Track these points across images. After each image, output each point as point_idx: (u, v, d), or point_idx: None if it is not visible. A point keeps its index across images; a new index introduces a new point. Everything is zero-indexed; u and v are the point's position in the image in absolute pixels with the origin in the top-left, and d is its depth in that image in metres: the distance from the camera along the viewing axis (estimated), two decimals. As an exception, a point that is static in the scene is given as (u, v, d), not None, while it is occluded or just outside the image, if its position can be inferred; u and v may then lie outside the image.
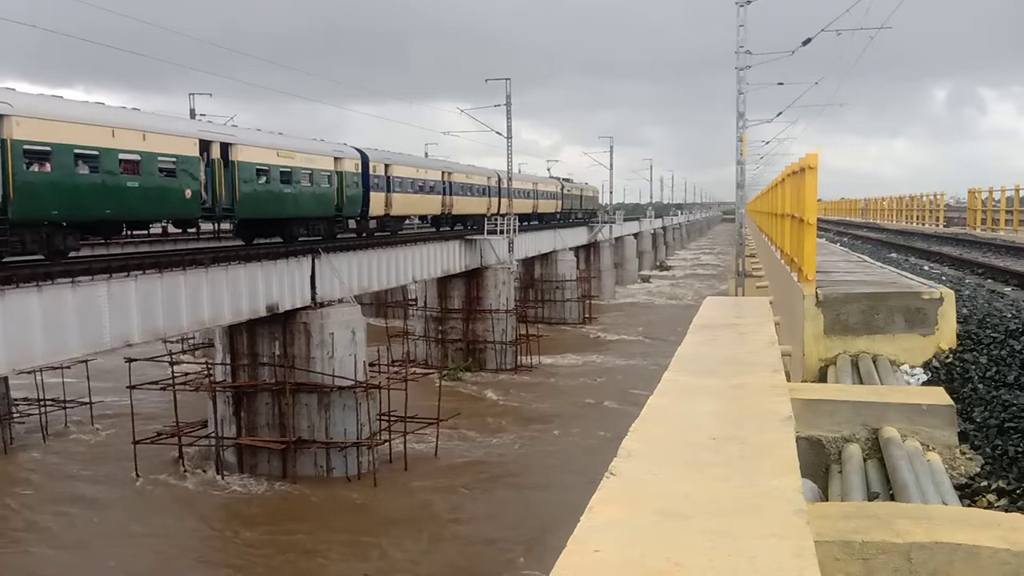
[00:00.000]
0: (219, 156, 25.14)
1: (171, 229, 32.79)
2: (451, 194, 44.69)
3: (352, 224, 35.53)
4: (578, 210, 78.54)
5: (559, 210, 70.03)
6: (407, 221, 45.27)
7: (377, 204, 35.35)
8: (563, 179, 76.42)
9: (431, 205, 42.77)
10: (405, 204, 38.76)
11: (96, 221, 21.19)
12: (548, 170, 73.08)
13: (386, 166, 36.33)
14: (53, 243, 19.70)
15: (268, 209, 28.04)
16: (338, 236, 33.25)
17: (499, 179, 52.75)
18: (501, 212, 51.01)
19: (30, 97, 19.53)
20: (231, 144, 25.87)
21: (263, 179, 27.35)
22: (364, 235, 36.03)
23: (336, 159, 32.20)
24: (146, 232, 34.07)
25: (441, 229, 46.32)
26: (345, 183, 32.39)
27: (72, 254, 20.78)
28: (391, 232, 37.46)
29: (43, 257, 19.72)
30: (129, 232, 28.09)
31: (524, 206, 58.03)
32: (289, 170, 28.66)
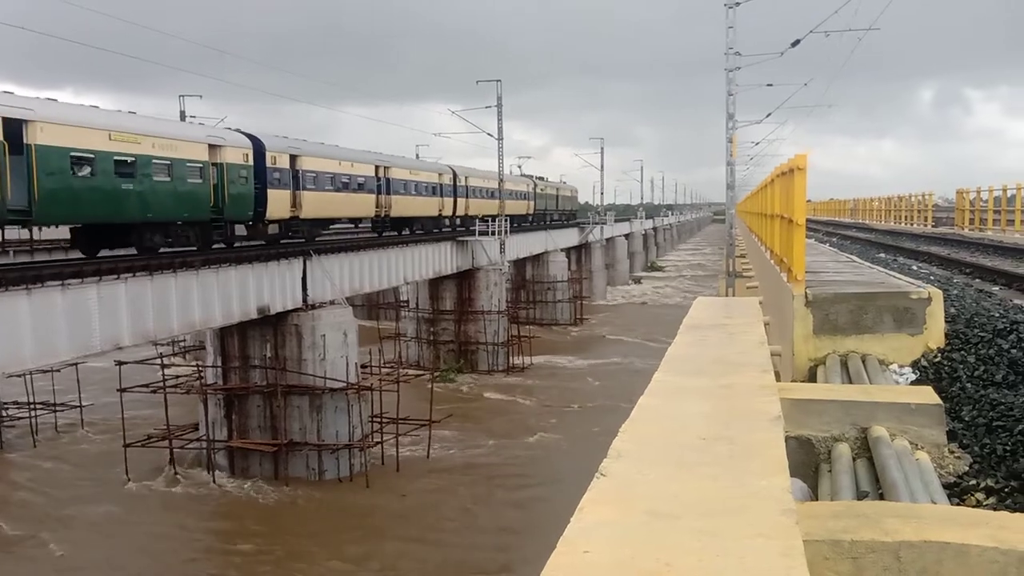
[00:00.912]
0: (2, 138, 18.33)
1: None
2: (389, 193, 37.99)
3: (243, 230, 29.22)
4: (554, 211, 73.54)
5: (531, 211, 63.99)
6: (334, 225, 38.62)
7: (279, 204, 28.93)
8: (536, 177, 70.98)
9: (360, 206, 36.05)
10: (321, 205, 32.06)
11: None
12: (519, 167, 67.30)
13: (292, 157, 29.96)
14: None
15: (94, 211, 21.51)
16: (231, 244, 28.13)
17: (454, 176, 47.42)
18: (457, 214, 47.45)
19: None
20: (27, 121, 19.06)
21: (84, 170, 20.79)
22: (264, 242, 29.66)
23: (212, 147, 25.75)
24: None
25: (385, 234, 39.47)
26: (227, 177, 25.94)
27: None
28: (306, 239, 31.00)
29: None
30: None
31: (485, 207, 51.64)
32: (131, 159, 22.19)
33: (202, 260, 23.46)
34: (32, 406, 31.13)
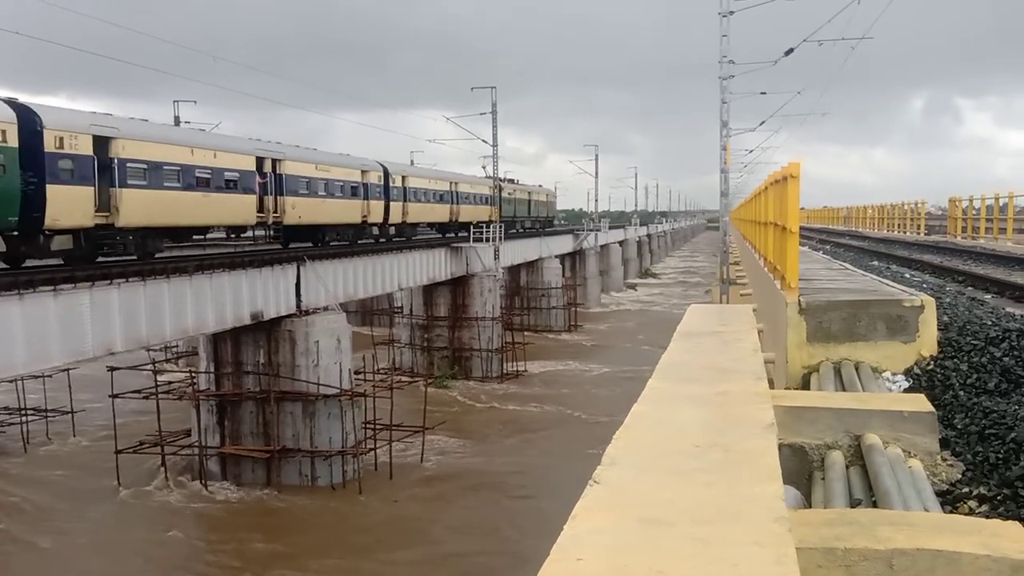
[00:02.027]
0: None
1: None
2: (280, 193, 29.36)
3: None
4: (525, 218, 65.99)
5: (494, 218, 54.68)
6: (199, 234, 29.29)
7: (78, 206, 20.42)
8: (505, 179, 62.73)
9: (231, 210, 27.17)
10: (157, 209, 23.31)
11: None
12: (483, 168, 59.87)
13: (101, 140, 21.37)
14: None
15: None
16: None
17: (385, 175, 38.75)
18: (392, 221, 39.51)
19: None
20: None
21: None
22: (41, 260, 21.36)
23: None
24: None
25: (271, 248, 33.74)
26: None
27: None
28: (142, 257, 23.45)
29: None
30: None
31: (430, 212, 45.41)
32: None
33: (196, 265, 23.42)
34: (23, 412, 30.98)
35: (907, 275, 17.90)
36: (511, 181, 63.79)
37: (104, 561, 21.53)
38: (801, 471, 5.56)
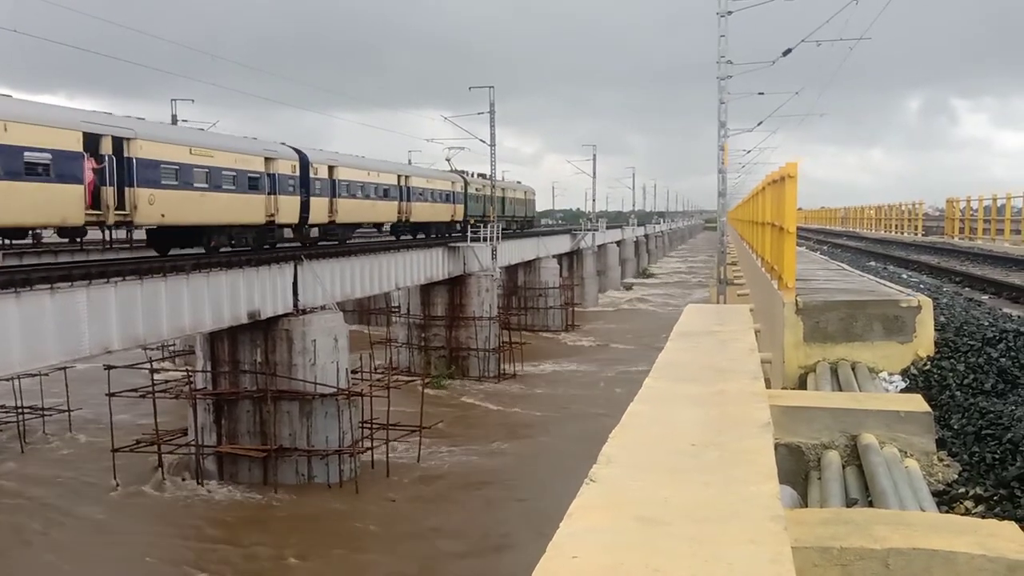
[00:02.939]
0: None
1: None
2: (133, 183, 22.17)
3: None
4: (498, 218, 56.72)
5: (458, 217, 49.84)
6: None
7: None
8: (476, 174, 56.52)
9: (41, 205, 19.36)
10: None
11: None
12: (448, 160, 52.98)
13: None
14: None
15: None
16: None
17: (302, 164, 30.95)
18: (314, 220, 32.22)
19: None
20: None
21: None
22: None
23: None
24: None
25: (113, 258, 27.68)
26: None
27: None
28: None
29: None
30: None
31: (370, 211, 37.56)
32: None
33: (192, 264, 23.40)
34: (20, 410, 30.95)
35: (904, 275, 17.93)
36: (482, 176, 56.33)
37: (100, 559, 21.50)
38: (798, 471, 5.56)
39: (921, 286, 14.39)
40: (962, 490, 5.31)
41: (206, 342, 27.49)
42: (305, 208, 31.24)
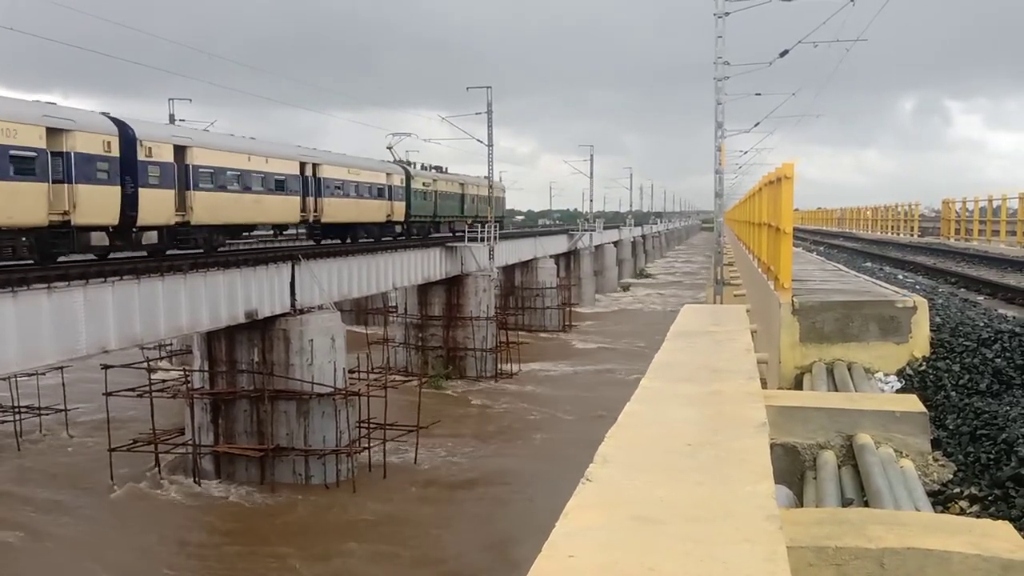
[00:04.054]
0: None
1: None
2: None
3: None
4: (456, 218, 50.56)
5: (397, 217, 41.03)
6: None
7: None
8: (432, 166, 48.45)
9: None
10: None
11: None
12: (389, 148, 44.75)
13: None
14: None
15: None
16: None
17: (124, 142, 22.69)
18: (142, 222, 23.50)
19: None
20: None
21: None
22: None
23: None
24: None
25: None
26: None
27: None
28: None
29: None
30: None
31: (252, 209, 29.02)
32: None
33: (190, 263, 23.39)
34: (16, 409, 30.90)
35: (900, 276, 17.95)
36: (438, 169, 49.44)
37: (97, 559, 21.47)
38: (793, 471, 5.58)
39: (917, 287, 14.41)
40: (957, 490, 5.33)
41: (203, 342, 27.48)
42: (131, 204, 22.70)
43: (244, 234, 34.12)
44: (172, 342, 36.67)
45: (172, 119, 42.83)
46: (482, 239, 44.94)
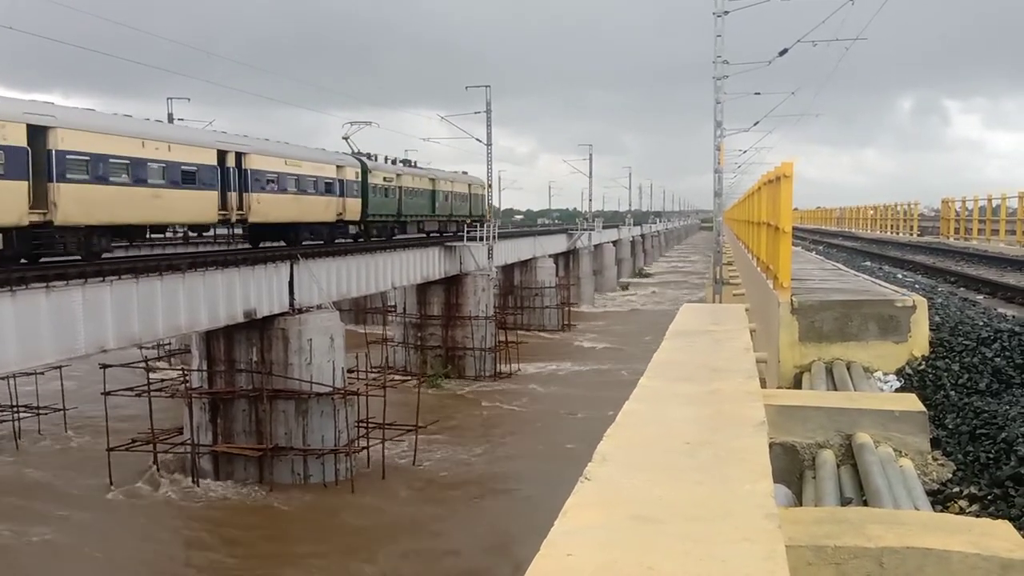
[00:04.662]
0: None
1: None
2: None
3: None
4: (425, 217, 44.95)
5: (350, 216, 35.81)
6: None
7: None
8: (399, 160, 43.85)
9: None
10: None
11: None
12: (346, 138, 40.00)
13: None
14: None
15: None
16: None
17: None
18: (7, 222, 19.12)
19: None
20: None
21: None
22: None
23: None
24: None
25: None
26: None
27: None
28: None
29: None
30: None
31: (152, 206, 23.69)
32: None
33: (188, 263, 23.39)
34: (15, 409, 30.89)
35: (899, 275, 17.96)
36: (406, 162, 44.70)
37: (95, 559, 21.46)
38: (792, 470, 5.57)
39: (916, 286, 14.41)
40: (956, 489, 5.33)
41: (202, 341, 27.47)
42: None
43: (148, 237, 28.37)
44: (171, 341, 36.65)
45: (171, 118, 42.73)
46: (481, 239, 44.95)
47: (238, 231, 34.43)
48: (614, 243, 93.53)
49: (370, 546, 22.04)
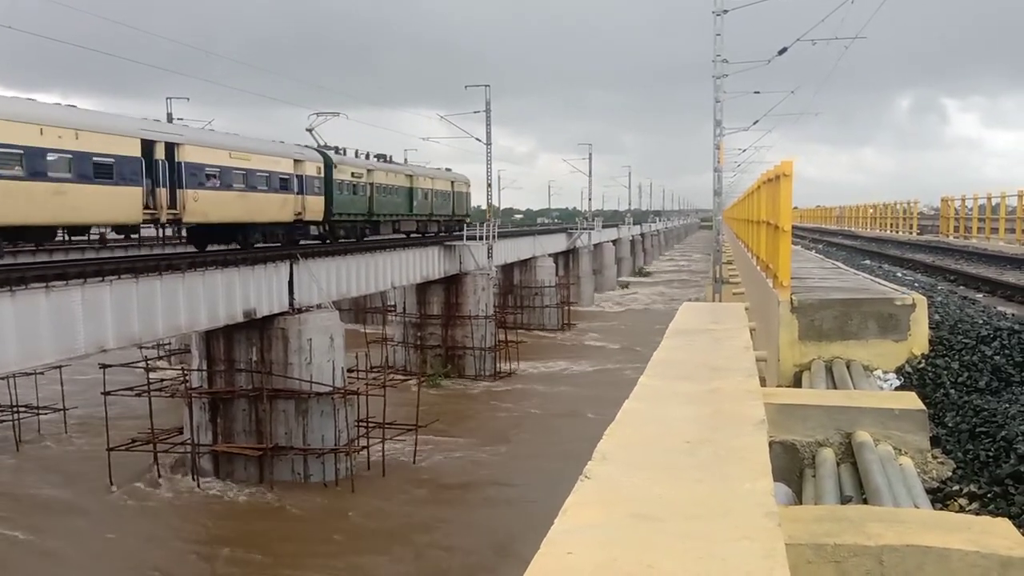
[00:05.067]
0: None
1: None
2: None
3: None
4: (401, 217, 40.94)
5: (311, 215, 31.97)
6: None
7: None
8: (375, 155, 39.30)
9: None
10: None
11: None
12: (310, 130, 36.66)
13: None
14: None
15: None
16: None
17: None
18: None
19: None
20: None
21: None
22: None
23: None
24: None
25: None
26: None
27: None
28: None
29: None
30: None
31: (52, 204, 19.87)
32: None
33: (188, 262, 23.38)
34: (15, 409, 30.88)
35: (899, 274, 17.97)
36: (380, 157, 40.03)
37: (95, 559, 21.46)
38: (792, 468, 5.57)
39: (916, 284, 14.42)
40: (956, 487, 5.33)
41: (202, 341, 27.46)
42: None
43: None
44: (170, 341, 36.64)
45: (170, 118, 42.73)
46: (481, 238, 44.94)
47: (181, 232, 31.24)
48: (614, 242, 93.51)
49: (371, 545, 22.04)
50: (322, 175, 32.91)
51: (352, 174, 35.48)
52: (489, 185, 51.46)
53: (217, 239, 28.90)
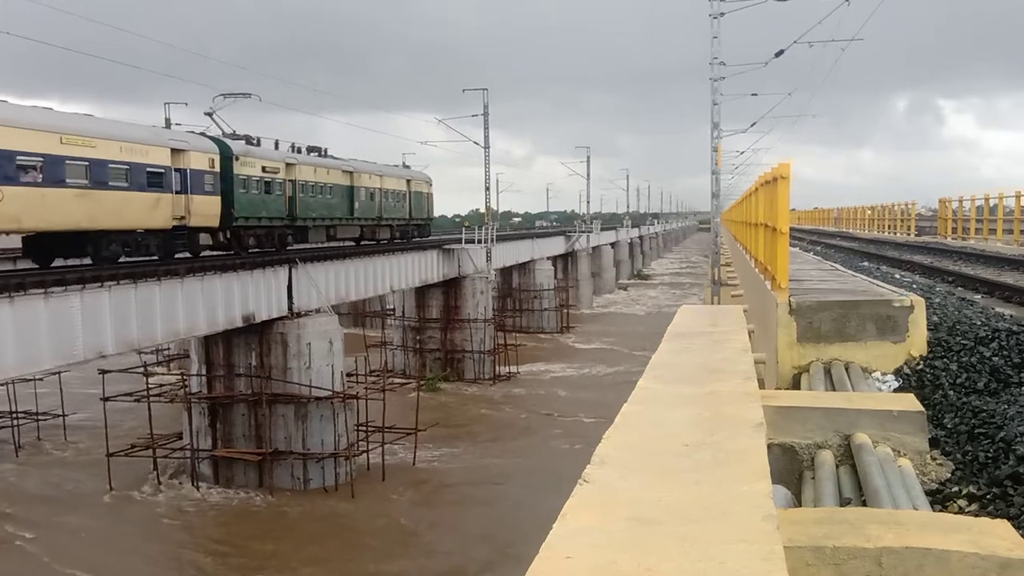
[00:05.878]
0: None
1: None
2: None
3: None
4: (338, 222, 34.84)
5: (200, 221, 25.63)
6: None
7: None
8: (305, 148, 33.56)
9: None
10: None
11: None
12: (210, 113, 31.19)
13: None
14: None
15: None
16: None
17: None
18: None
19: None
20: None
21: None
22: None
23: None
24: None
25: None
26: None
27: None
28: None
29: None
30: None
31: None
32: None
33: (187, 268, 23.36)
34: (14, 415, 30.84)
35: (897, 275, 17.99)
36: (315, 151, 34.32)
37: (95, 564, 21.41)
38: (791, 470, 5.58)
39: (914, 286, 14.43)
40: (955, 489, 5.34)
41: (200, 346, 27.44)
42: None
43: None
44: (169, 347, 36.60)
45: (168, 123, 42.67)
46: (480, 241, 44.96)
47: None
48: (612, 245, 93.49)
49: (371, 549, 22.02)
50: (217, 169, 26.45)
51: (264, 169, 29.10)
52: (488, 189, 51.46)
53: (60, 252, 22.08)
